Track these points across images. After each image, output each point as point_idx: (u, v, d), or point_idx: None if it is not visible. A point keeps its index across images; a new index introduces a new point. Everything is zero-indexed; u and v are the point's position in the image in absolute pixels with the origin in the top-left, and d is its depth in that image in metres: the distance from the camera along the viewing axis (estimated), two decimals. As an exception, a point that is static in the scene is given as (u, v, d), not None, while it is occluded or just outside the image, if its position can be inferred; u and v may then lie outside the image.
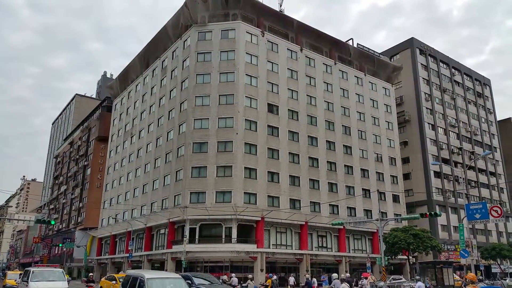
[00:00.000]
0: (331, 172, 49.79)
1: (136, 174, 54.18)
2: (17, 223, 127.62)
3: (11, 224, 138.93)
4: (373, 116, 57.19)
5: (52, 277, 19.41)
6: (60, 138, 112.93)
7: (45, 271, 20.28)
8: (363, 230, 49.37)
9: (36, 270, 20.10)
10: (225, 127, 43.60)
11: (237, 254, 39.83)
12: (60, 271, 20.93)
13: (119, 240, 56.36)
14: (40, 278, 18.74)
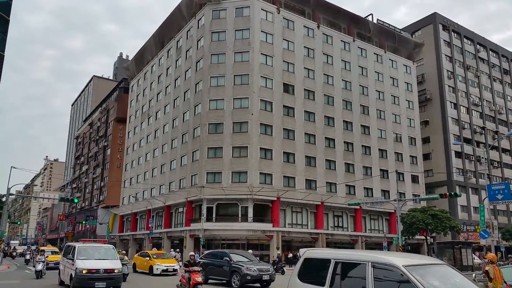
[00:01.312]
0: (348, 152, 49.27)
1: (154, 154, 54.90)
2: (42, 201, 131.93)
3: (37, 202, 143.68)
4: (392, 95, 55.97)
5: (102, 254, 16.09)
6: (79, 119, 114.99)
7: (92, 248, 16.91)
8: (380, 210, 49.05)
9: (82, 246, 16.62)
10: (240, 107, 43.42)
11: (253, 233, 40.26)
12: (110, 247, 17.33)
13: (139, 217, 57.64)
14: (88, 256, 15.50)
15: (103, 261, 15.48)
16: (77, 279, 14.54)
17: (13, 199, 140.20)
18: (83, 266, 14.71)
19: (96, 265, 14.94)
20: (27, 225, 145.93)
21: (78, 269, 14.62)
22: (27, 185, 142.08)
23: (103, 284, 14.62)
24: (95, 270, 14.74)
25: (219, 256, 19.94)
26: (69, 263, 15.69)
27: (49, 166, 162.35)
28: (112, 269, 15.10)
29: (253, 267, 18.10)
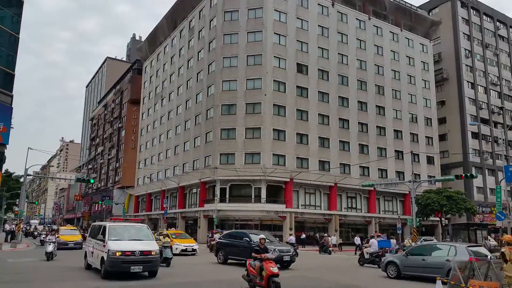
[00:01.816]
0: (362, 133, 48.76)
1: (168, 136, 55.17)
2: (59, 182, 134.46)
3: (54, 182, 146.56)
4: (408, 74, 54.89)
5: (136, 234, 14.31)
6: (94, 101, 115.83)
7: (125, 227, 15.08)
8: (395, 191, 48.75)
9: (114, 225, 14.81)
10: (253, 88, 43.10)
11: (266, 214, 40.48)
12: (144, 226, 15.42)
13: (154, 198, 58.38)
14: (121, 236, 13.77)
15: (138, 242, 13.76)
16: (110, 262, 12.85)
17: (31, 179, 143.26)
18: (117, 247, 12.94)
19: (131, 247, 13.17)
20: (45, 205, 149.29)
21: (111, 251, 12.87)
22: (44, 166, 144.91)
23: (139, 267, 13.11)
24: (130, 252, 13.01)
25: (238, 236, 19.81)
26: (99, 244, 13.91)
27: (65, 148, 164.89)
28: (149, 251, 13.37)
29: (273, 248, 17.64)
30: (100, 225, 15.23)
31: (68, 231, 31.04)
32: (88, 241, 16.06)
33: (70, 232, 30.29)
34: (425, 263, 14.91)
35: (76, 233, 30.49)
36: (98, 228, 15.14)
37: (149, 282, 12.97)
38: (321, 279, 15.13)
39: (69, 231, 31.18)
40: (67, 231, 30.52)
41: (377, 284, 14.49)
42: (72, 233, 30.07)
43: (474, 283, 8.99)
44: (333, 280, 14.96)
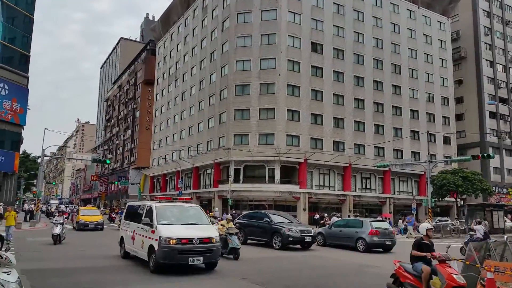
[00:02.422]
0: (378, 113, 48.18)
1: (182, 116, 55.33)
2: (76, 162, 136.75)
3: (71, 163, 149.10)
4: (426, 53, 53.71)
5: (190, 218, 11.85)
6: (109, 81, 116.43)
7: (175, 208, 12.46)
8: (410, 172, 48.37)
9: (162, 206, 12.08)
10: (267, 68, 42.71)
11: (280, 194, 40.63)
12: (197, 208, 12.83)
13: (169, 178, 59.02)
14: (172, 220, 11.39)
15: (194, 226, 11.39)
16: (163, 252, 10.32)
17: (48, 160, 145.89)
18: (171, 234, 10.52)
19: (188, 233, 10.80)
20: (62, 185, 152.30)
21: (164, 238, 10.38)
22: (60, 147, 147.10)
23: (199, 259, 10.59)
24: (188, 239, 10.55)
25: (258, 217, 19.76)
26: (144, 230, 11.44)
27: (81, 128, 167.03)
28: (209, 238, 10.90)
29: (294, 229, 17.77)
30: (141, 206, 12.83)
31: (89, 211, 29.97)
32: (124, 224, 13.48)
33: (90, 212, 29.24)
34: (341, 233, 19.35)
35: (96, 213, 29.53)
36: (136, 209, 13.00)
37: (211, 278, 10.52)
38: (338, 260, 15.21)
39: (90, 211, 30.10)
40: (88, 211, 29.48)
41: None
42: (93, 213, 29.07)
43: (489, 263, 8.89)
44: (351, 261, 15.03)
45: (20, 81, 38.05)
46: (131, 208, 13.78)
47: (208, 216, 13.39)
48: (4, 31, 37.21)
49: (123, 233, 13.50)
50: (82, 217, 27.30)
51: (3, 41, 37.02)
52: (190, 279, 10.22)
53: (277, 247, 17.57)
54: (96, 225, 27.06)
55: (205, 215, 12.58)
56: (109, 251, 15.08)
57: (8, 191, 37.91)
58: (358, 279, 10.98)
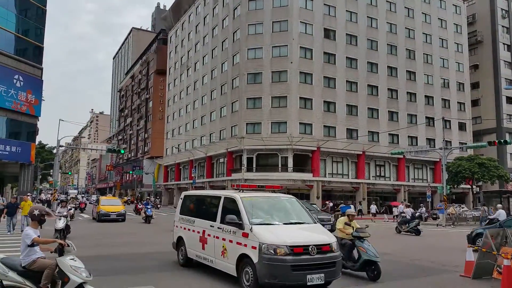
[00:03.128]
0: (392, 100, 47.55)
1: (194, 106, 55.42)
2: (91, 152, 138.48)
3: (86, 153, 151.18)
4: (440, 37, 52.61)
5: (288, 214, 8.57)
6: (121, 72, 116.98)
7: (267, 201, 8.85)
8: (425, 159, 47.81)
9: (247, 197, 8.47)
10: (279, 56, 42.37)
11: (293, 182, 40.58)
12: (293, 200, 9.12)
13: (182, 168, 59.41)
14: (268, 218, 8.10)
15: (301, 227, 7.97)
16: (268, 268, 6.99)
17: (63, 150, 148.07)
18: (276, 239, 7.16)
19: (301, 238, 7.45)
20: (78, 175, 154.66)
21: (268, 245, 7.07)
22: (75, 137, 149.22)
23: (320, 277, 7.12)
24: (303, 247, 7.18)
25: None
26: (227, 231, 8.03)
27: (95, 119, 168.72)
28: (328, 245, 7.49)
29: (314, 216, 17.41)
30: (212, 196, 9.61)
31: (109, 201, 28.67)
32: (183, 221, 10.11)
33: (111, 202, 27.98)
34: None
35: (118, 204, 28.33)
36: (207, 201, 9.83)
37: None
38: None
39: (110, 201, 28.84)
40: (108, 201, 28.22)
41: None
42: (114, 204, 27.87)
43: (506, 250, 8.77)
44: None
45: (34, 73, 38.45)
46: (191, 199, 10.63)
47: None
48: (18, 23, 37.51)
49: (182, 233, 10.08)
50: (103, 207, 26.11)
51: (17, 33, 37.35)
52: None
53: None
54: (118, 216, 25.87)
55: (306, 209, 8.88)
56: (144, 248, 13.21)
57: (25, 181, 38.59)
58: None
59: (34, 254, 5.78)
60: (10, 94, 35.07)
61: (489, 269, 9.35)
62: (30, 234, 5.79)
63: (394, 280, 9.05)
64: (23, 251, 5.79)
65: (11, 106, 35.19)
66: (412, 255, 13.07)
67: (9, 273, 5.61)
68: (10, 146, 35.53)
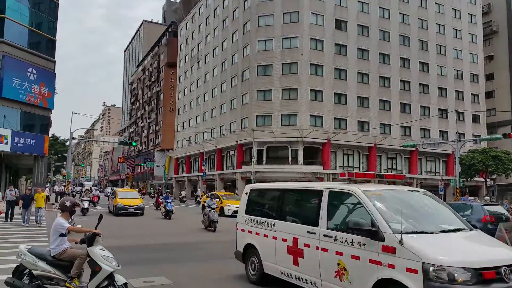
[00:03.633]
0: (404, 92, 46.94)
1: (205, 98, 55.42)
2: (103, 145, 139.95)
3: (98, 145, 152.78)
4: (454, 28, 51.64)
5: (434, 216, 5.91)
6: (133, 65, 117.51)
7: (400, 196, 5.86)
8: (437, 152, 47.20)
9: (379, 192, 5.84)
10: (289, 47, 42.03)
11: (303, 175, 40.40)
12: (429, 196, 6.37)
13: (193, 160, 59.62)
14: (413, 222, 5.29)
15: (464, 236, 5.47)
16: None
17: (76, 143, 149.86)
18: (451, 258, 4.60)
19: (484, 255, 4.92)
20: (90, 167, 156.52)
21: (439, 268, 4.48)
22: (88, 130, 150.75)
23: None
24: (494, 269, 4.61)
25: None
26: (345, 243, 5.51)
27: (107, 112, 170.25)
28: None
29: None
30: (308, 190, 7.19)
31: (127, 193, 26.91)
32: (255, 223, 7.58)
33: (129, 195, 26.16)
34: None
35: (135, 196, 26.49)
36: (291, 198, 7.42)
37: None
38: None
39: (128, 193, 26.98)
40: (125, 194, 26.41)
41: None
42: (132, 196, 26.07)
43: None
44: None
45: (47, 66, 38.77)
46: (263, 194, 8.24)
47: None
48: (31, 17, 37.78)
49: (253, 239, 7.62)
50: (120, 200, 24.41)
51: (30, 27, 37.64)
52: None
53: None
54: (136, 210, 24.24)
55: (449, 207, 6.30)
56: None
57: (39, 173, 39.10)
58: None
59: (64, 244, 5.87)
60: (24, 87, 35.45)
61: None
62: (64, 224, 5.85)
63: None
64: (54, 241, 5.84)
65: (25, 99, 35.57)
66: None
67: (39, 263, 5.71)
68: (24, 138, 35.99)
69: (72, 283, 5.67)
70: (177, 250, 11.48)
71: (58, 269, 5.74)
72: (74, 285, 5.67)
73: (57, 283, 5.70)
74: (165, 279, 7.69)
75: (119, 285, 5.69)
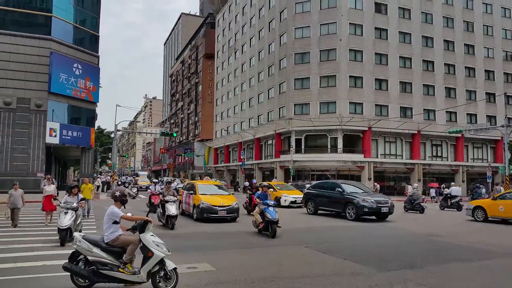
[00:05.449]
0: (449, 75, 44.97)
1: (242, 88, 55.58)
2: (146, 136, 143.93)
3: (141, 137, 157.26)
4: (502, 6, 48.74)
5: None
6: (172, 57, 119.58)
7: None
8: (485, 138, 45.05)
9: None
10: (327, 34, 41.23)
11: (343, 164, 39.82)
12: None
13: (232, 150, 60.18)
14: None
15: None
16: None
17: (120, 135, 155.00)
18: None
19: None
20: (134, 158, 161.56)
21: None
22: (131, 122, 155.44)
23: None
24: None
25: (329, 187, 18.95)
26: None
27: (148, 104, 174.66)
28: None
29: (370, 199, 16.76)
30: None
31: (210, 188, 17.48)
32: None
33: (213, 190, 17.11)
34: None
35: (224, 192, 17.40)
36: None
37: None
38: (408, 230, 14.64)
39: (211, 188, 17.59)
40: (208, 188, 17.18)
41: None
42: (219, 193, 17.05)
43: None
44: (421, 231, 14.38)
45: (91, 61, 40.22)
46: None
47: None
48: (76, 14, 39.26)
49: None
50: (204, 197, 15.77)
51: (75, 24, 39.08)
52: (258, 246, 10.20)
53: (350, 218, 16.90)
54: (228, 213, 15.46)
55: None
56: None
57: (86, 164, 40.84)
58: (420, 248, 10.51)
59: (117, 231, 6.16)
60: (70, 82, 37.00)
61: None
62: (118, 212, 6.16)
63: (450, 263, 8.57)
64: (107, 228, 6.14)
65: (71, 93, 37.17)
66: (474, 239, 12.35)
67: (94, 249, 5.99)
68: (71, 131, 37.66)
69: (125, 268, 5.95)
70: (216, 238, 11.53)
71: (111, 255, 6.04)
72: (127, 270, 5.95)
73: (111, 269, 5.97)
74: (209, 266, 7.83)
75: (169, 270, 5.97)
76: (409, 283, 6.77)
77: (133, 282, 6.00)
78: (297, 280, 6.87)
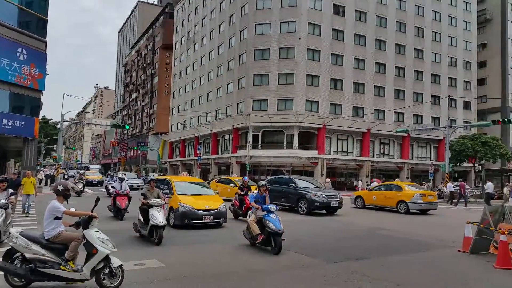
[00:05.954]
0: (399, 78, 47.51)
1: (201, 82, 55.42)
2: (95, 128, 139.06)
3: (90, 128, 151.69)
4: (450, 15, 52.08)
5: None
6: (127, 46, 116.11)
7: None
8: (429, 137, 48.13)
9: None
10: (287, 32, 42.18)
11: (298, 160, 41.03)
12: None
13: (188, 144, 59.85)
14: None
15: None
16: None
17: (67, 125, 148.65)
18: None
19: None
20: (82, 150, 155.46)
21: None
22: (79, 112, 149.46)
23: None
24: None
25: (283, 182, 19.39)
26: None
27: (99, 94, 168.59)
28: None
29: (321, 194, 17.32)
30: None
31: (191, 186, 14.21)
32: None
33: (195, 190, 13.99)
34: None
35: (208, 192, 14.22)
36: None
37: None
38: (355, 224, 15.60)
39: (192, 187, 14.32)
40: (190, 187, 14.04)
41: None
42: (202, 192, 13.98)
43: (503, 226, 9.10)
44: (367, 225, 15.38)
45: (38, 46, 38.00)
46: None
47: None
48: (21, -6, 37.10)
49: None
50: (184, 198, 12.73)
51: (20, 5, 36.96)
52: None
53: (302, 212, 17.44)
54: (214, 218, 12.61)
55: None
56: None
57: (29, 156, 38.47)
58: (368, 241, 11.34)
59: (59, 227, 5.86)
60: (13, 68, 34.82)
61: (486, 245, 9.67)
62: (60, 208, 5.87)
63: (392, 255, 9.37)
64: (48, 224, 5.83)
65: (14, 80, 34.89)
66: (413, 231, 13.38)
67: (32, 246, 5.66)
68: (13, 120, 35.32)
69: (67, 266, 5.68)
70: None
71: (52, 252, 5.74)
72: (69, 267, 5.67)
73: (52, 266, 5.66)
74: (157, 262, 7.66)
75: (115, 267, 5.76)
76: (355, 275, 7.24)
77: (75, 280, 5.72)
78: (251, 275, 7.01)
